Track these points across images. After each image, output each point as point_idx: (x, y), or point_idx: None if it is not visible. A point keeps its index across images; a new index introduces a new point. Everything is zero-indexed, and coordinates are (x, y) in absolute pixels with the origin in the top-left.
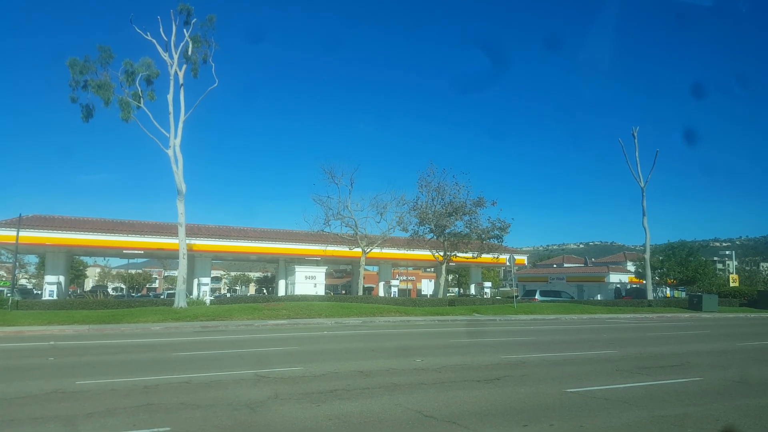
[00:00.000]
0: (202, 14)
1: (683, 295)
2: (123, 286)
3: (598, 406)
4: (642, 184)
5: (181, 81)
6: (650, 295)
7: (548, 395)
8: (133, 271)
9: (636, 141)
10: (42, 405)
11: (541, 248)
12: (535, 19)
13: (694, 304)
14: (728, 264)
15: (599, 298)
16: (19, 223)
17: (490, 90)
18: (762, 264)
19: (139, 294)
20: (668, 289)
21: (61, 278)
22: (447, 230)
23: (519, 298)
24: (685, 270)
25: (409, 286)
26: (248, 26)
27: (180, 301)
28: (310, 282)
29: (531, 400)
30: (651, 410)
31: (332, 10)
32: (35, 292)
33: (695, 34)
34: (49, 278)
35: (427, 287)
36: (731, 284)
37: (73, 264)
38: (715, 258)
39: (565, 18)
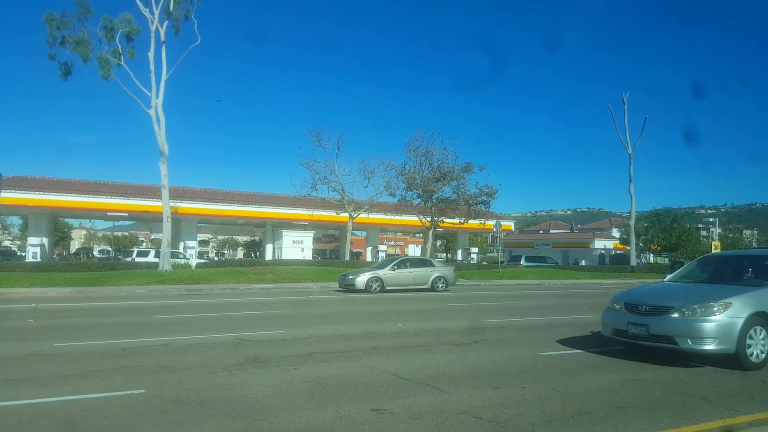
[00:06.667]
0: None
1: (666, 261)
2: (110, 249)
3: (571, 370)
4: (630, 151)
5: (162, 38)
6: (633, 261)
7: (524, 359)
8: (120, 234)
9: (626, 107)
10: (17, 367)
11: (528, 214)
12: None
13: (676, 269)
14: (712, 231)
15: (584, 264)
16: (0, 184)
17: (480, 60)
18: (745, 231)
19: (129, 258)
20: (652, 255)
21: (45, 240)
22: (435, 196)
23: (504, 263)
24: (669, 236)
25: (397, 251)
26: None
27: (164, 264)
28: (297, 246)
29: (506, 363)
30: (623, 374)
31: None
32: (19, 254)
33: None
34: (32, 240)
35: (414, 252)
36: (713, 251)
37: (57, 226)
38: (700, 225)
39: None
